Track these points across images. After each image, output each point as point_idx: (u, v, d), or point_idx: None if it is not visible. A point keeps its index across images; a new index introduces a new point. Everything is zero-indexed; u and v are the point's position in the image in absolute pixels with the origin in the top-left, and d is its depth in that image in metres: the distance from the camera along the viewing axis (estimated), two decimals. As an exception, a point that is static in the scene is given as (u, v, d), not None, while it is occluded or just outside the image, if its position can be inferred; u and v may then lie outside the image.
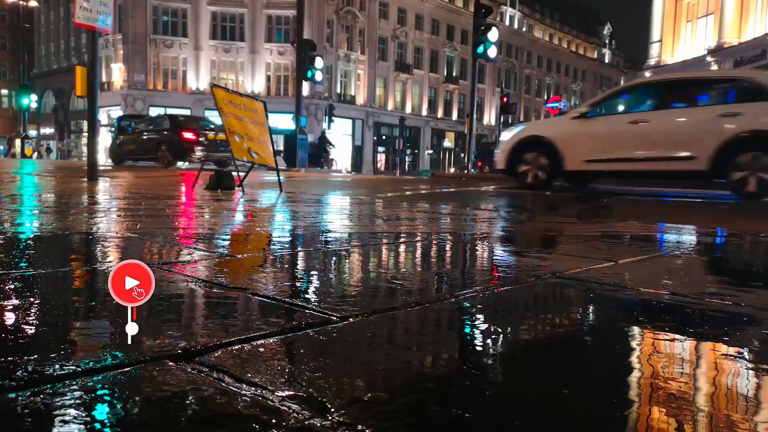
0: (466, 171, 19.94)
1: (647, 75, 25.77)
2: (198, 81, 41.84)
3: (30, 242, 2.64)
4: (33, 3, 39.30)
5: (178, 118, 17.21)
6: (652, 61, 26.23)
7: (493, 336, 1.42)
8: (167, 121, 16.24)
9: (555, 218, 4.92)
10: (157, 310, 1.48)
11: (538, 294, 1.93)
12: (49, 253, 2.40)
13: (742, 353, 1.33)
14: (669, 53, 25.54)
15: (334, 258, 2.55)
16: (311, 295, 1.76)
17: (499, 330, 1.47)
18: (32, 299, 1.55)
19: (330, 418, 0.89)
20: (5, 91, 62.33)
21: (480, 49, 16.64)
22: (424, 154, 53.11)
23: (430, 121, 53.13)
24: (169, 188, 7.44)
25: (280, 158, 15.04)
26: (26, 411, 0.87)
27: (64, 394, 0.93)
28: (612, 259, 2.54)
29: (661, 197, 8.22)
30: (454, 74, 54.66)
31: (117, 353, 1.12)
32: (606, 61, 75.99)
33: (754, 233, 4.04)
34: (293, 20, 34.19)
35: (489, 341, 1.38)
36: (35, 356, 1.10)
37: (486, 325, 1.51)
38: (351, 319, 1.44)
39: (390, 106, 49.29)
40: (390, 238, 3.26)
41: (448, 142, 55.88)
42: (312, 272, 2.22)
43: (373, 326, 1.44)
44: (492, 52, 16.76)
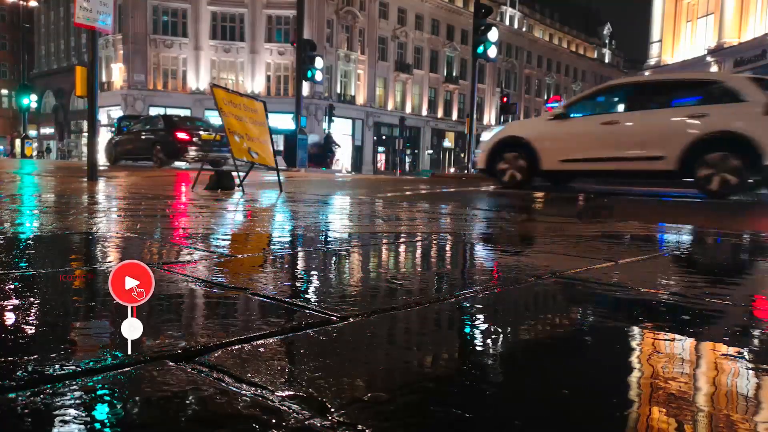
0: (466, 171, 19.94)
1: (647, 75, 25.81)
2: (198, 81, 41.84)
3: (30, 242, 2.64)
4: (33, 3, 39.31)
5: (172, 119, 17.34)
6: (652, 61, 26.22)
7: (493, 336, 1.42)
8: (161, 122, 16.42)
9: (555, 218, 4.92)
10: (157, 310, 1.48)
11: (538, 293, 1.93)
12: (49, 253, 2.41)
13: (742, 353, 1.33)
14: (669, 53, 25.53)
15: (334, 258, 2.55)
16: (311, 295, 1.76)
17: (499, 330, 1.47)
18: (32, 299, 1.55)
19: (330, 418, 0.89)
20: (5, 91, 62.34)
21: (480, 49, 16.64)
22: (424, 154, 53.11)
23: (430, 121, 53.14)
24: (169, 188, 7.44)
25: (280, 158, 15.09)
26: (26, 411, 0.87)
27: (64, 394, 0.93)
28: (604, 258, 2.55)
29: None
30: (454, 74, 54.66)
31: (117, 353, 1.12)
32: (606, 61, 75.97)
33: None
34: (293, 20, 34.19)
35: (489, 341, 1.38)
36: (35, 356, 1.10)
37: (486, 325, 1.51)
38: (351, 319, 1.44)
39: (390, 106, 49.28)
40: (390, 238, 3.26)
41: (448, 142, 55.89)
42: (312, 272, 2.22)
43: (373, 326, 1.44)
44: (492, 52, 16.76)
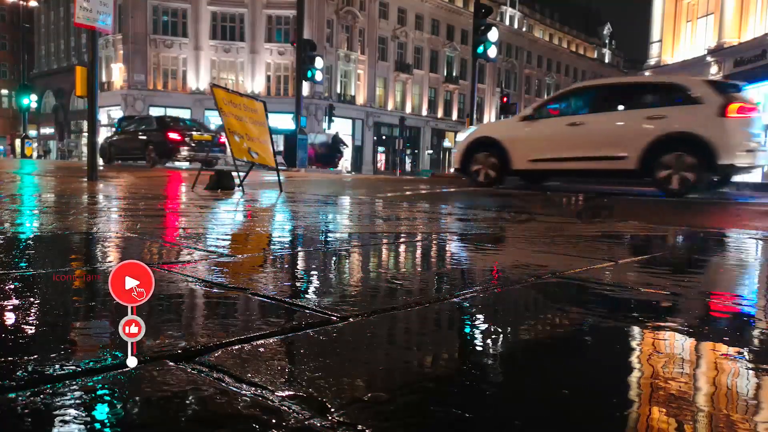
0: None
1: (647, 75, 25.81)
2: (198, 81, 41.83)
3: (30, 242, 2.64)
4: (33, 3, 39.31)
5: (165, 120, 17.87)
6: (652, 61, 26.20)
7: (493, 336, 1.42)
8: (154, 122, 16.90)
9: (555, 218, 4.92)
10: (157, 310, 1.48)
11: (537, 291, 1.93)
12: (49, 253, 2.41)
13: (742, 353, 1.33)
14: (669, 53, 25.51)
15: (334, 258, 2.55)
16: (311, 295, 1.76)
17: (499, 330, 1.47)
18: (32, 299, 1.55)
19: (330, 418, 0.89)
20: (5, 91, 62.31)
21: (480, 49, 16.63)
22: (424, 154, 53.09)
23: (430, 121, 53.12)
24: (169, 188, 7.44)
25: (280, 158, 15.28)
26: (26, 411, 0.87)
27: (64, 394, 0.93)
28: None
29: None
30: (454, 74, 54.64)
31: (117, 353, 1.12)
32: (606, 61, 75.94)
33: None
34: (293, 20, 34.17)
35: (489, 341, 1.38)
36: (35, 356, 1.10)
37: (486, 325, 1.51)
38: (351, 319, 1.44)
39: (390, 106, 49.26)
40: (390, 238, 3.26)
41: (448, 142, 55.81)
42: (312, 272, 2.22)
43: (373, 326, 1.44)
44: (492, 52, 16.75)
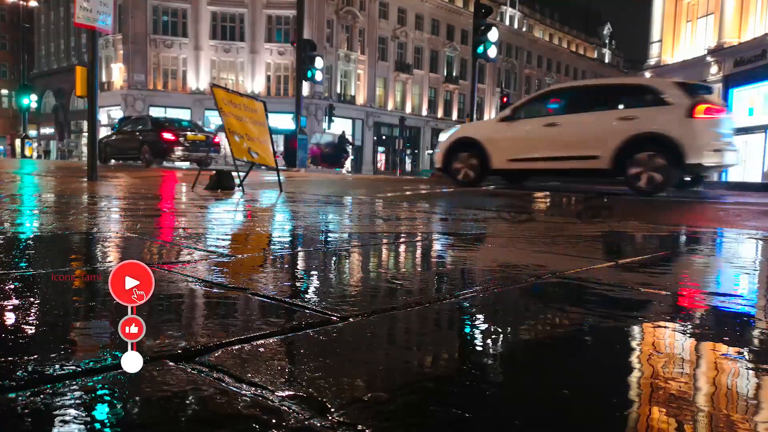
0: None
1: (647, 75, 25.80)
2: (198, 81, 41.82)
3: (30, 242, 2.64)
4: (33, 3, 39.30)
5: (159, 120, 18.25)
6: (652, 61, 26.20)
7: (493, 336, 1.42)
8: (149, 122, 17.18)
9: (559, 218, 4.92)
10: (157, 310, 1.48)
11: (534, 287, 1.93)
12: (50, 253, 2.41)
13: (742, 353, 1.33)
14: (669, 53, 25.51)
15: (334, 258, 2.55)
16: (311, 295, 1.76)
17: (499, 330, 1.47)
18: (32, 299, 1.55)
19: (330, 418, 0.89)
20: (5, 91, 62.29)
21: (480, 49, 16.61)
22: (424, 154, 53.04)
23: (430, 121, 53.10)
24: (169, 188, 7.44)
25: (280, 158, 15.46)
26: (26, 411, 0.87)
27: (64, 394, 0.93)
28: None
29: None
30: (454, 74, 54.63)
31: (117, 353, 1.11)
32: (606, 61, 75.93)
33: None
34: (293, 20, 34.17)
35: (489, 341, 1.38)
36: (35, 356, 1.10)
37: (486, 325, 1.51)
38: (351, 319, 1.44)
39: (390, 106, 49.26)
40: (390, 238, 3.26)
41: (448, 142, 55.74)
42: (312, 272, 2.22)
43: (373, 326, 1.44)
44: (492, 52, 16.73)
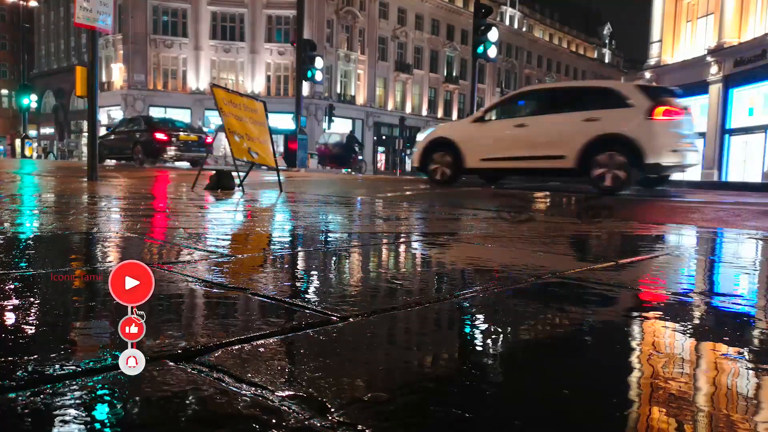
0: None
1: (647, 75, 25.80)
2: (198, 81, 41.81)
3: (30, 242, 2.64)
4: (33, 3, 39.31)
5: (152, 120, 18.44)
6: (652, 61, 26.19)
7: (493, 336, 1.42)
8: (142, 123, 17.40)
9: (554, 218, 4.92)
10: (157, 310, 1.47)
11: (535, 287, 1.93)
12: (50, 253, 2.41)
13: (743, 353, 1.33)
14: (669, 53, 25.49)
15: (334, 258, 2.55)
16: (311, 295, 1.76)
17: (499, 330, 1.47)
18: (32, 299, 1.55)
19: (330, 418, 0.88)
20: (5, 91, 62.26)
21: (480, 49, 16.59)
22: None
23: (431, 121, 53.01)
24: (169, 188, 7.44)
25: (281, 158, 15.58)
26: (26, 411, 0.87)
27: (64, 394, 0.93)
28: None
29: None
30: (454, 74, 54.61)
31: (117, 353, 1.11)
32: (606, 61, 75.90)
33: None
34: (293, 20, 34.16)
35: (489, 341, 1.38)
36: (35, 356, 1.10)
37: (486, 325, 1.51)
38: (351, 319, 1.44)
39: (390, 106, 49.25)
40: (390, 238, 3.25)
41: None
42: (312, 272, 2.22)
43: (373, 326, 1.44)
44: (492, 52, 16.72)
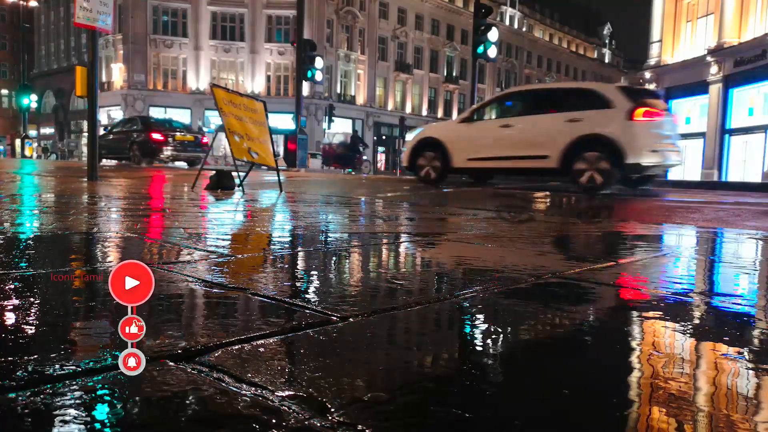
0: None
1: (647, 75, 25.80)
2: (198, 81, 41.81)
3: (30, 242, 2.64)
4: (33, 3, 39.33)
5: (149, 120, 18.72)
6: (652, 61, 26.18)
7: (493, 336, 1.42)
8: (139, 123, 17.62)
9: (553, 218, 4.92)
10: (157, 310, 1.48)
11: (536, 288, 1.93)
12: (50, 253, 2.40)
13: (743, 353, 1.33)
14: (669, 53, 25.49)
15: (334, 258, 2.55)
16: (311, 295, 1.76)
17: (499, 330, 1.47)
18: (32, 299, 1.55)
19: (330, 418, 0.88)
20: (5, 91, 62.25)
21: (480, 49, 16.59)
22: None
23: (431, 121, 52.99)
24: (169, 188, 7.44)
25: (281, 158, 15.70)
26: (26, 411, 0.87)
27: (64, 394, 0.93)
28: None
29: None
30: (454, 74, 54.62)
31: (117, 353, 1.11)
32: (606, 61, 75.88)
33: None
34: (293, 20, 34.18)
35: (489, 341, 1.38)
36: (35, 356, 1.10)
37: (486, 325, 1.51)
38: (351, 319, 1.44)
39: (390, 106, 49.25)
40: (390, 238, 3.25)
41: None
42: (312, 272, 2.21)
43: (373, 326, 1.44)
44: (492, 52, 16.72)
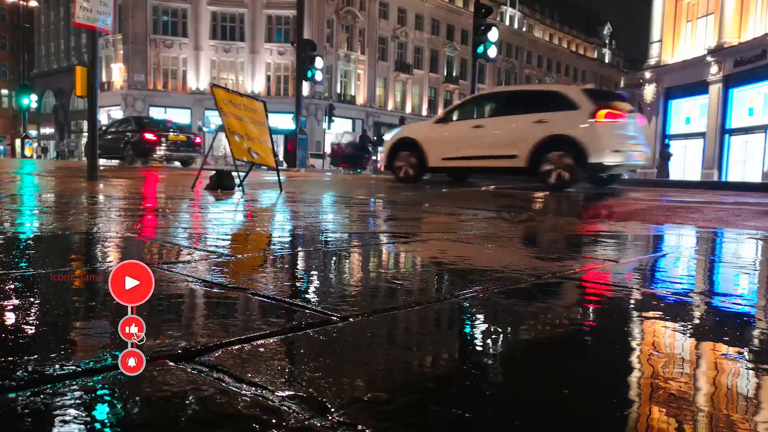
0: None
1: (647, 75, 25.81)
2: (198, 81, 41.83)
3: (30, 242, 2.64)
4: (33, 3, 39.33)
5: (142, 120, 19.12)
6: (652, 61, 26.20)
7: (493, 336, 1.42)
8: (133, 123, 17.98)
9: (552, 218, 4.92)
10: (157, 310, 1.47)
11: (534, 287, 1.93)
12: (50, 253, 2.40)
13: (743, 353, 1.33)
14: (669, 53, 25.51)
15: (334, 258, 2.55)
16: (311, 295, 1.76)
17: (499, 329, 1.47)
18: (32, 299, 1.55)
19: (330, 418, 0.88)
20: (5, 91, 62.26)
21: (480, 49, 16.59)
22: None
23: (431, 121, 53.11)
24: (169, 188, 7.44)
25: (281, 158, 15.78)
26: (26, 411, 0.87)
27: (64, 394, 0.93)
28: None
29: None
30: (454, 74, 54.64)
31: (117, 353, 1.11)
32: (606, 61, 75.90)
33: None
34: (293, 20, 34.19)
35: (489, 341, 1.38)
36: (35, 356, 1.10)
37: (486, 325, 1.51)
38: (351, 319, 1.44)
39: (390, 106, 49.27)
40: (389, 238, 3.25)
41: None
42: (312, 272, 2.21)
43: (373, 326, 1.44)
44: (492, 52, 16.72)
